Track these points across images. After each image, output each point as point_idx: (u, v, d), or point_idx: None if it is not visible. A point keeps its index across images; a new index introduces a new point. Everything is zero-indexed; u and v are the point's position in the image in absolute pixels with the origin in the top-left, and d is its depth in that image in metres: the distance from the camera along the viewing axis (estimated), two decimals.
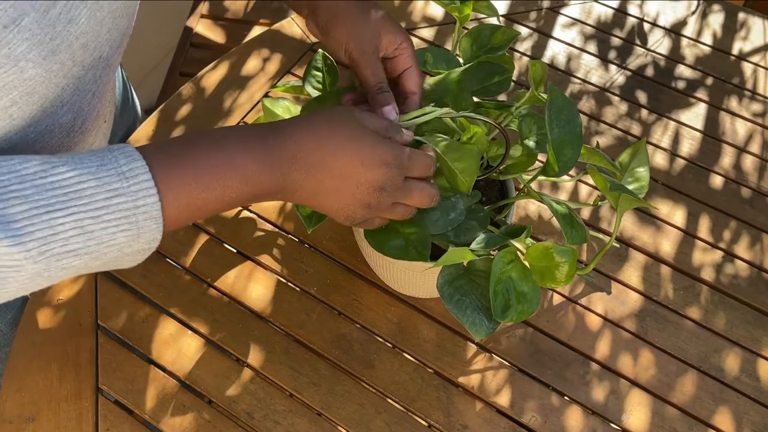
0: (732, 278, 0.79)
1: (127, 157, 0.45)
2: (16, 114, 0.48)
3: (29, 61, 0.45)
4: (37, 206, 0.42)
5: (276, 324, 0.73)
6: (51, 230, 0.42)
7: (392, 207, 0.56)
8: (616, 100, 0.93)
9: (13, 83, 0.45)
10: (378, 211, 0.55)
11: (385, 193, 0.54)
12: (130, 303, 0.74)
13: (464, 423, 0.68)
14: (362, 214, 0.55)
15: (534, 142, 0.63)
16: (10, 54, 0.43)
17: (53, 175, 0.43)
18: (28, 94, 0.47)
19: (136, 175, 0.45)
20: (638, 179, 0.70)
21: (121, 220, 0.45)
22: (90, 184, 0.43)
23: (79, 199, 0.43)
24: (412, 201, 0.56)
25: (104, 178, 0.44)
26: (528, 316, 0.58)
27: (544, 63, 0.63)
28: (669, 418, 0.69)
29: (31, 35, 0.44)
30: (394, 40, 0.61)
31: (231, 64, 0.93)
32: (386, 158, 0.53)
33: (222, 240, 0.78)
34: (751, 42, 1.00)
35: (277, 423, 0.67)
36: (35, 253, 0.42)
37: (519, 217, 0.81)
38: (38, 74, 0.46)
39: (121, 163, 0.45)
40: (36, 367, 0.69)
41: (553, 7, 1.02)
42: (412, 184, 0.56)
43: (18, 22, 0.43)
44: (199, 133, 0.50)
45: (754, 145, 0.90)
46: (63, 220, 0.43)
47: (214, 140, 0.50)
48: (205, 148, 0.49)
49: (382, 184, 0.53)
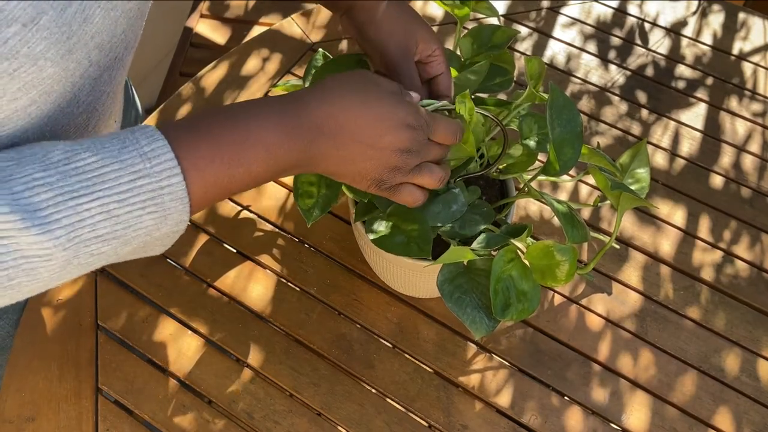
0: (732, 278, 0.79)
1: (149, 137, 0.45)
2: (35, 113, 0.48)
3: (48, 59, 0.45)
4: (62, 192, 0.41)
5: (276, 324, 0.73)
6: (78, 216, 0.42)
7: (418, 169, 0.55)
8: (616, 100, 0.93)
9: (32, 82, 0.45)
10: (404, 175, 0.54)
11: (411, 154, 0.53)
12: (130, 303, 0.74)
13: (464, 423, 0.68)
14: (389, 178, 0.54)
15: (534, 141, 0.63)
16: (30, 53, 0.43)
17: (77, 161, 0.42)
18: (47, 93, 0.47)
19: (158, 156, 0.44)
20: (639, 180, 0.70)
21: (147, 202, 0.44)
22: (113, 167, 0.43)
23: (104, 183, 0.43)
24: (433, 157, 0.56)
25: (127, 160, 0.43)
26: (528, 314, 0.58)
27: (540, 59, 0.63)
28: (669, 418, 0.69)
29: (49, 34, 0.44)
30: (429, 47, 0.62)
31: (231, 64, 0.93)
32: (409, 120, 0.52)
33: (222, 240, 0.78)
34: (751, 42, 1.00)
35: (277, 423, 0.67)
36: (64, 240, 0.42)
37: (519, 217, 0.81)
38: (56, 73, 0.46)
39: (143, 144, 0.44)
40: (36, 367, 0.69)
41: (552, 7, 1.02)
42: (437, 147, 0.55)
43: (37, 20, 0.43)
44: (219, 108, 0.49)
45: (754, 145, 0.90)
46: (89, 205, 0.42)
47: (235, 114, 0.49)
48: (227, 123, 0.48)
49: (406, 146, 0.52)
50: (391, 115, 0.52)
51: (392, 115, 0.52)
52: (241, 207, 0.81)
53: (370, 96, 0.52)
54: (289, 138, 0.49)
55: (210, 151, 0.47)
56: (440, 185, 0.57)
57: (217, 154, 0.47)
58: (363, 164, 0.52)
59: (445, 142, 0.56)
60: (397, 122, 0.52)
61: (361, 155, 0.52)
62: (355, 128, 0.51)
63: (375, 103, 0.52)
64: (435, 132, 0.54)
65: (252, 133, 0.48)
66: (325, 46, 0.96)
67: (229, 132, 0.48)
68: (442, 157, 0.57)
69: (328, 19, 0.99)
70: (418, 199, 0.56)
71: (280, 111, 0.50)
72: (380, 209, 0.61)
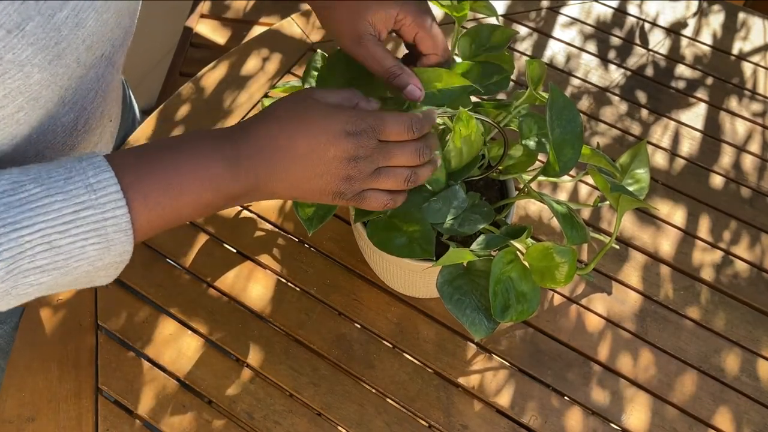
0: (732, 278, 0.79)
1: (96, 168, 0.45)
2: (23, 119, 0.48)
3: (34, 65, 0.45)
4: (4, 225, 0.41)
5: (276, 324, 0.73)
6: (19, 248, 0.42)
7: (377, 174, 0.53)
8: (616, 100, 0.93)
9: (18, 89, 0.45)
10: (362, 182, 0.53)
11: (361, 161, 0.52)
12: (130, 303, 0.74)
13: (464, 423, 0.68)
14: (347, 187, 0.53)
15: (534, 142, 0.63)
16: (15, 59, 0.43)
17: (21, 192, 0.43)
18: (34, 99, 0.47)
19: (104, 187, 0.44)
20: (638, 180, 0.70)
21: (90, 233, 0.44)
22: (57, 198, 0.43)
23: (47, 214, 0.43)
24: (398, 161, 0.54)
25: (72, 191, 0.43)
26: (528, 316, 0.58)
27: (542, 62, 0.63)
28: (669, 418, 0.69)
29: (35, 40, 0.44)
30: (386, 16, 0.58)
31: (231, 64, 0.93)
32: (347, 127, 0.51)
33: (222, 240, 0.78)
34: (751, 42, 1.00)
35: (277, 423, 0.67)
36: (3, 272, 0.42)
37: (519, 217, 0.81)
38: (44, 78, 0.46)
39: (89, 174, 0.44)
40: (36, 367, 0.69)
41: (552, 7, 1.02)
42: (390, 146, 0.53)
43: (22, 26, 0.42)
44: (167, 140, 0.50)
45: (753, 145, 0.90)
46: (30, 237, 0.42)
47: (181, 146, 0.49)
48: (173, 154, 0.48)
49: (353, 154, 0.51)
50: (328, 125, 0.51)
51: (329, 127, 0.51)
52: (241, 207, 0.81)
53: (308, 111, 0.51)
54: (233, 167, 0.49)
55: (156, 183, 0.47)
56: (407, 186, 0.55)
57: (162, 186, 0.47)
58: (316, 182, 0.52)
59: (398, 138, 0.53)
60: (335, 133, 0.51)
61: (311, 173, 0.51)
62: (296, 149, 0.50)
63: (311, 117, 0.51)
64: (384, 132, 0.53)
65: (197, 165, 0.48)
66: (325, 46, 0.96)
67: (175, 164, 0.48)
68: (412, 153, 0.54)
69: None
70: (386, 203, 0.55)
71: (224, 141, 0.50)
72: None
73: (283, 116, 0.51)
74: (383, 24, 0.59)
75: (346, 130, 0.51)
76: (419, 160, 0.55)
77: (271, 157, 0.50)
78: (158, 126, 0.87)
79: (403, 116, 0.53)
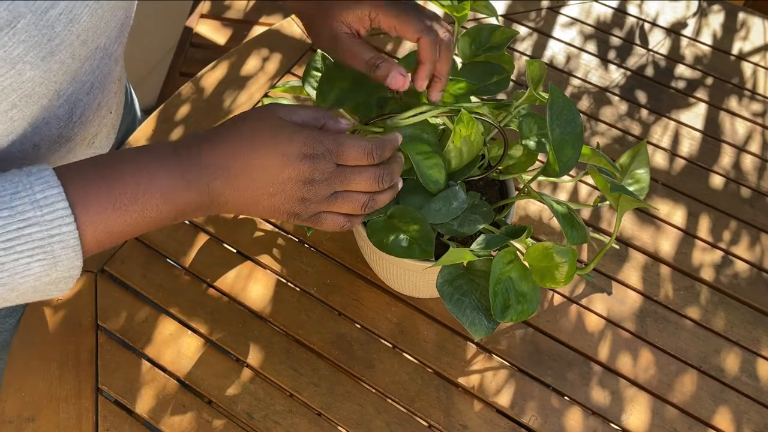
0: (732, 278, 0.79)
1: (43, 183, 0.44)
2: (17, 116, 0.48)
3: (27, 63, 0.44)
4: None
5: (276, 324, 0.73)
6: None
7: (334, 198, 0.53)
8: (615, 100, 0.93)
9: (11, 86, 0.45)
10: (318, 205, 0.52)
11: (317, 184, 0.51)
12: (130, 303, 0.74)
13: (464, 423, 0.68)
14: (302, 209, 0.52)
15: (534, 142, 0.63)
16: (6, 57, 0.43)
17: None
18: (28, 96, 0.47)
19: (51, 204, 0.44)
20: (638, 181, 0.71)
21: (35, 250, 0.43)
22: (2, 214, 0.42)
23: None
24: (355, 186, 0.53)
25: (17, 207, 0.43)
26: (527, 316, 0.58)
27: (542, 62, 0.63)
28: (669, 418, 0.69)
29: (27, 37, 0.43)
30: (360, 14, 0.57)
31: (231, 64, 0.93)
32: (304, 149, 0.50)
33: (222, 240, 0.78)
34: (751, 42, 1.00)
35: (277, 423, 0.67)
36: None
37: (519, 217, 0.81)
38: (37, 75, 0.46)
39: (36, 190, 0.44)
40: (36, 367, 0.69)
41: (552, 7, 1.02)
42: (348, 171, 0.52)
43: (13, 24, 0.42)
44: (118, 153, 0.49)
45: (753, 145, 0.90)
46: None
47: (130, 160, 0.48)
48: (124, 170, 0.47)
49: (308, 176, 0.50)
50: (284, 148, 0.50)
51: (286, 148, 0.50)
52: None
53: (269, 130, 0.50)
54: (184, 183, 0.48)
55: (104, 199, 0.46)
56: (364, 211, 0.54)
57: (109, 202, 0.46)
58: (269, 201, 0.51)
59: (357, 163, 0.53)
60: (291, 154, 0.50)
61: (263, 193, 0.51)
62: (249, 168, 0.50)
63: (270, 137, 0.50)
64: (342, 157, 0.52)
65: (147, 180, 0.47)
66: None
67: (125, 179, 0.47)
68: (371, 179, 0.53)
69: None
70: (342, 225, 0.55)
71: (175, 157, 0.49)
72: (380, 210, 0.61)
73: (243, 132, 0.50)
74: (358, 23, 0.57)
75: (303, 152, 0.50)
76: (378, 187, 0.54)
77: (227, 171, 0.49)
78: (158, 126, 0.87)
79: (362, 141, 0.53)
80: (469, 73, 0.67)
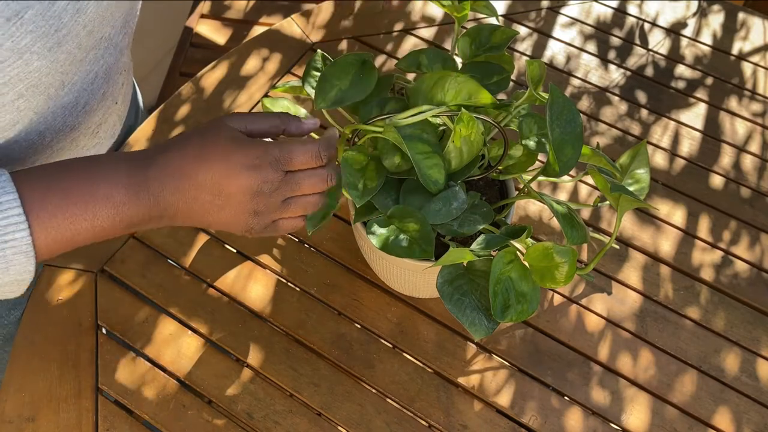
0: (732, 278, 0.79)
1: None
2: (24, 105, 0.48)
3: (34, 53, 0.45)
4: None
5: (276, 324, 0.73)
6: None
7: (287, 204, 0.53)
8: (615, 100, 0.93)
9: (18, 76, 0.45)
10: (271, 214, 0.53)
11: (266, 195, 0.51)
12: (130, 303, 0.74)
13: (464, 423, 0.68)
14: (256, 222, 0.52)
15: (534, 142, 0.63)
16: (14, 47, 0.43)
17: None
18: (34, 86, 0.47)
19: (6, 210, 0.44)
20: (638, 181, 0.71)
21: None
22: None
23: None
24: (307, 190, 0.53)
25: None
26: (527, 316, 0.58)
27: (542, 62, 0.63)
28: (669, 418, 0.69)
29: (35, 27, 0.44)
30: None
31: (231, 64, 0.93)
32: (251, 161, 0.50)
33: (222, 240, 0.78)
34: (751, 42, 1.00)
35: (277, 423, 0.67)
36: None
37: (519, 217, 0.81)
38: (44, 66, 0.46)
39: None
40: (36, 367, 0.69)
41: (552, 7, 1.02)
42: (298, 177, 0.53)
43: (21, 15, 0.43)
44: (74, 162, 0.49)
45: (753, 145, 0.90)
46: None
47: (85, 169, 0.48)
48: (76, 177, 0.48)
49: (256, 189, 0.50)
50: (230, 161, 0.50)
51: (232, 161, 0.50)
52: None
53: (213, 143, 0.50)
54: (135, 195, 0.49)
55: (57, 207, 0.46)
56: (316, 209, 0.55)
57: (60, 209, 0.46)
58: (219, 214, 0.51)
59: (306, 167, 0.53)
60: (237, 167, 0.50)
61: (212, 206, 0.51)
62: (200, 179, 0.50)
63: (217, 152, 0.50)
64: (290, 163, 0.52)
65: (100, 190, 0.48)
66: (325, 46, 0.96)
67: (79, 188, 0.47)
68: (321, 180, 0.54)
69: (328, 20, 0.99)
70: (300, 227, 0.56)
71: (128, 168, 0.49)
72: (380, 210, 0.61)
73: (195, 143, 0.50)
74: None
75: (249, 164, 0.50)
76: (327, 186, 0.55)
77: (177, 185, 0.50)
78: (158, 126, 0.87)
79: (308, 145, 0.53)
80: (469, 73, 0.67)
